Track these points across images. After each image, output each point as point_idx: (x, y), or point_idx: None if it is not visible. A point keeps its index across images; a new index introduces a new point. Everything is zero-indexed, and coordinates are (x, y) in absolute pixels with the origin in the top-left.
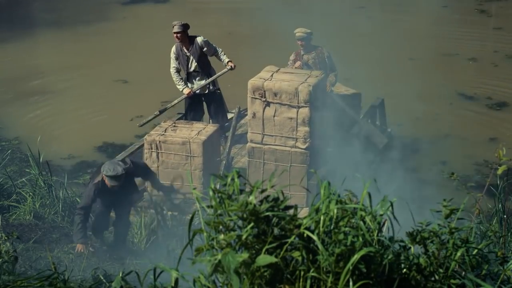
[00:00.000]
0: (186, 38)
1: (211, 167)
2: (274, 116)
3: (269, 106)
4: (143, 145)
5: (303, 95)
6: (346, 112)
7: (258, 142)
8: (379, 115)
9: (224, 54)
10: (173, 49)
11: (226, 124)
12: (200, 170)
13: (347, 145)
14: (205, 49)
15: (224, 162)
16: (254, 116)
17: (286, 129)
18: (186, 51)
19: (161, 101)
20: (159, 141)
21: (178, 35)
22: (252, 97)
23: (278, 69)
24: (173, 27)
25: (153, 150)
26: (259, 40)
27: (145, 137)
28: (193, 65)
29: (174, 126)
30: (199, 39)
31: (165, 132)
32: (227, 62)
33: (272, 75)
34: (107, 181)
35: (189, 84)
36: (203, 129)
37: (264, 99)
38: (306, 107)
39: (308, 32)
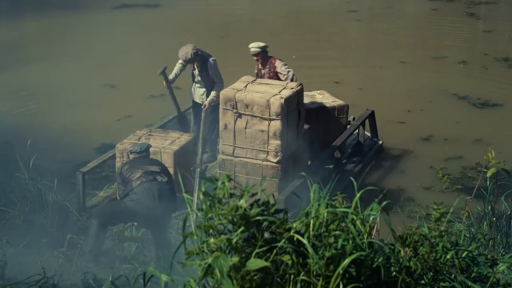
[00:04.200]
0: (199, 61)
1: (184, 177)
2: (245, 128)
3: (241, 118)
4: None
5: (275, 108)
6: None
7: (229, 154)
8: (370, 127)
9: (216, 94)
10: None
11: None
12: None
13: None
14: (210, 73)
15: (198, 169)
16: (226, 128)
17: (257, 141)
18: (195, 66)
19: (147, 96)
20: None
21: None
22: (224, 108)
23: (254, 80)
24: (186, 59)
25: (124, 159)
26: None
27: (117, 145)
28: (197, 78)
29: (149, 134)
30: (210, 64)
31: (138, 140)
32: (206, 101)
33: (246, 86)
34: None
35: (191, 91)
36: (178, 138)
37: (236, 111)
38: (277, 120)
39: (262, 46)
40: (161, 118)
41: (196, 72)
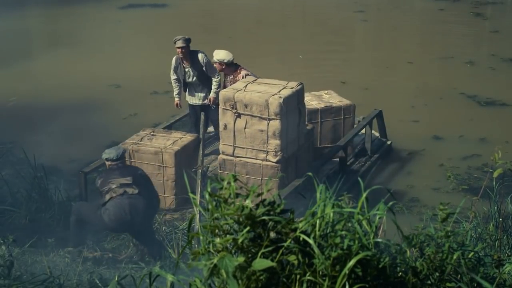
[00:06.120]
0: (187, 52)
1: (187, 177)
2: (245, 128)
3: (240, 118)
4: None
5: (273, 108)
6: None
7: (229, 154)
8: (378, 127)
9: (216, 85)
10: (173, 61)
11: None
12: (173, 180)
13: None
14: (204, 67)
15: (200, 170)
16: (226, 128)
17: (257, 141)
18: (185, 65)
19: (151, 92)
20: (132, 150)
21: (182, 50)
22: (224, 108)
23: (255, 80)
24: (175, 42)
25: (127, 159)
26: (257, 45)
27: (119, 145)
28: (192, 78)
29: (152, 134)
30: (200, 56)
31: (141, 140)
32: (210, 95)
33: (246, 86)
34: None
35: (188, 94)
36: (180, 139)
37: (235, 111)
38: (276, 119)
39: (225, 61)
40: (172, 116)
41: (188, 70)
